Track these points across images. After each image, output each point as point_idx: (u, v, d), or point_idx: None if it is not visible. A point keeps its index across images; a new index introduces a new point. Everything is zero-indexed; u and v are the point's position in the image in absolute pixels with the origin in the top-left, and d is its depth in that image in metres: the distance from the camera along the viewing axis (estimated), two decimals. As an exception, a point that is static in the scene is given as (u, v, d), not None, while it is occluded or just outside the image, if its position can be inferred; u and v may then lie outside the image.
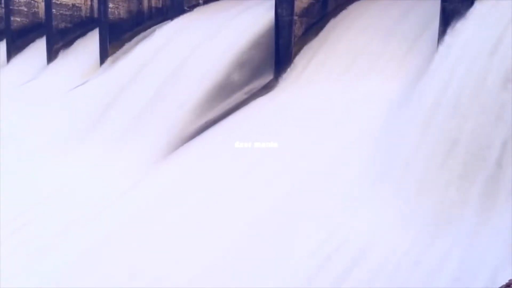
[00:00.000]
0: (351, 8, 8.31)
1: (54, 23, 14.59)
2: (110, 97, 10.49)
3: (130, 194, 7.39)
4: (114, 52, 12.83)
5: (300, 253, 4.38)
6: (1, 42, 17.73)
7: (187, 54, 9.88)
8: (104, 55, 12.93)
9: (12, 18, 16.32)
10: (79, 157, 9.09)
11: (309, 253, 4.32)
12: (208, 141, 7.71)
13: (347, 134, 5.95)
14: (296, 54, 8.41)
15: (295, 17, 8.38)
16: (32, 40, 16.74)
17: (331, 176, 5.31)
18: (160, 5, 13.09)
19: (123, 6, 12.92)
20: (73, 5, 14.90)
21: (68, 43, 14.93)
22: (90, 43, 14.13)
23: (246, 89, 8.69)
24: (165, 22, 12.38)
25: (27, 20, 16.65)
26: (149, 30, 12.68)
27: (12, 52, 16.53)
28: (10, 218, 7.71)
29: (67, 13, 14.86)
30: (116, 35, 12.89)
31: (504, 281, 2.87)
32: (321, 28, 8.47)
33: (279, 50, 8.53)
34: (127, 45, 12.78)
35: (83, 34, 15.05)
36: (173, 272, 5.19)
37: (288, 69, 8.34)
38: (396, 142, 5.27)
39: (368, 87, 6.52)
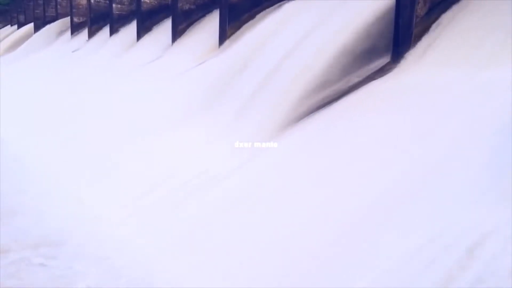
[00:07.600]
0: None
1: (179, 5, 15.42)
2: (227, 76, 10.81)
3: (241, 170, 7.56)
4: (232, 33, 13.19)
5: (401, 252, 4.15)
6: (132, 22, 19.18)
7: (303, 34, 9.78)
8: (223, 36, 13.35)
9: (142, 0, 17.55)
10: (196, 133, 9.51)
11: (411, 253, 4.07)
12: (321, 121, 7.59)
13: (467, 124, 5.45)
14: (417, 35, 7.83)
15: (419, -4, 7.80)
16: (159, 21, 17.86)
17: (444, 169, 4.91)
18: (277, -14, 13.13)
19: (242, -13, 13.19)
20: (197, -13, 15.59)
21: (191, 24, 15.71)
22: (211, 24, 14.69)
23: (361, 71, 8.36)
24: (282, 2, 12.38)
25: (155, 2, 17.78)
26: (266, 11, 12.81)
27: (141, 32, 17.80)
28: (133, 185, 8.37)
29: (191, -5, 15.62)
30: (235, 17, 13.23)
31: None
32: (446, 8, 7.79)
33: (399, 31, 8.00)
34: (244, 26, 13.06)
35: (204, 15, 15.71)
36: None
37: (408, 51, 7.80)
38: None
39: (496, 74, 5.87)
